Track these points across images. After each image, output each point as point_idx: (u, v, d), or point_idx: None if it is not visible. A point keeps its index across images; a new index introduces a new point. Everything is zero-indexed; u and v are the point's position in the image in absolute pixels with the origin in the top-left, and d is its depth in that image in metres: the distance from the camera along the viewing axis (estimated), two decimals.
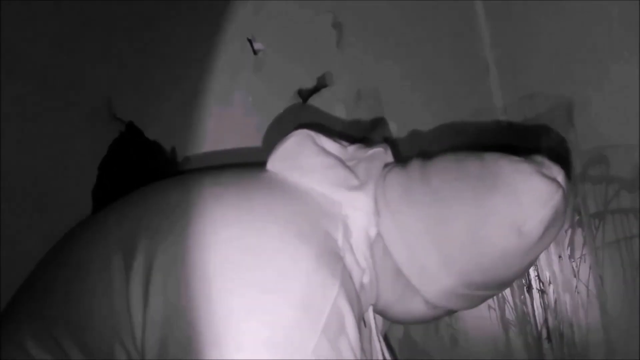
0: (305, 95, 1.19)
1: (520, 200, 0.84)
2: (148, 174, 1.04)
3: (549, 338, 1.45)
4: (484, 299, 0.92)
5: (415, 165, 0.90)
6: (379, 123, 1.28)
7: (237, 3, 1.13)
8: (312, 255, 0.77)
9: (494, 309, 1.43)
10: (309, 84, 1.20)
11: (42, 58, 0.95)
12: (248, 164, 0.98)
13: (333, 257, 0.79)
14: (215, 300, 0.73)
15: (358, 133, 1.25)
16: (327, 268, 0.77)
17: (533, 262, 0.90)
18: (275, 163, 0.89)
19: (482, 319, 1.42)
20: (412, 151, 1.03)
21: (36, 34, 0.94)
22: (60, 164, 0.97)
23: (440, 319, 0.97)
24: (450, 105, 1.40)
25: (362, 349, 0.80)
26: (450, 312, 0.93)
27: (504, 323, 1.45)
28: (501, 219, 0.84)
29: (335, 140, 0.93)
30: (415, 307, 0.90)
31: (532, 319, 1.46)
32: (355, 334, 0.77)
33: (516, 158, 0.88)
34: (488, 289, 0.90)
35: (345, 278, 0.80)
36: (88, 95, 0.99)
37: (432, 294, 0.87)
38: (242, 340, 0.71)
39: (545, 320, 1.46)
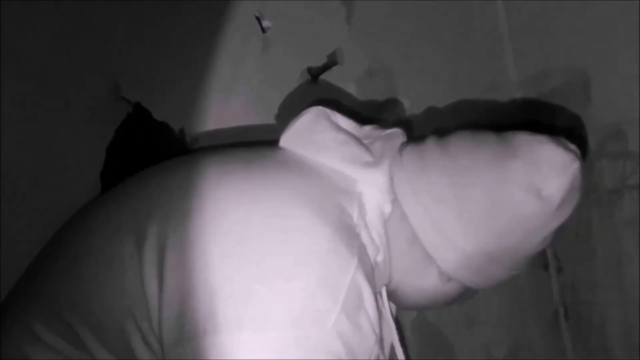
0: (315, 73, 1.17)
1: (540, 166, 0.84)
2: (156, 155, 1.02)
3: (566, 317, 1.44)
4: (498, 279, 0.90)
5: (431, 138, 0.90)
6: (391, 102, 1.26)
7: None
8: (329, 231, 0.77)
9: (510, 287, 1.41)
10: (319, 61, 1.18)
11: (49, 40, 0.93)
12: (260, 142, 0.97)
13: (350, 233, 0.79)
14: (233, 278, 0.73)
15: (369, 112, 1.23)
16: (344, 244, 0.77)
17: (548, 239, 0.89)
18: (289, 140, 0.89)
19: (498, 297, 1.40)
20: (425, 129, 1.01)
21: (43, 18, 0.93)
22: (66, 150, 0.96)
23: (452, 304, 0.95)
24: (464, 80, 1.38)
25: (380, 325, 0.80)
26: (460, 297, 0.93)
27: (521, 302, 1.43)
28: (521, 181, 0.84)
29: (350, 118, 0.92)
30: (428, 282, 0.89)
31: (549, 298, 1.44)
32: (374, 309, 0.77)
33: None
34: (503, 264, 0.88)
35: (362, 254, 0.79)
36: (95, 77, 0.98)
37: (448, 262, 0.86)
38: (261, 318, 0.71)
39: (562, 298, 1.44)
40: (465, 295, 0.94)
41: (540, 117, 1.39)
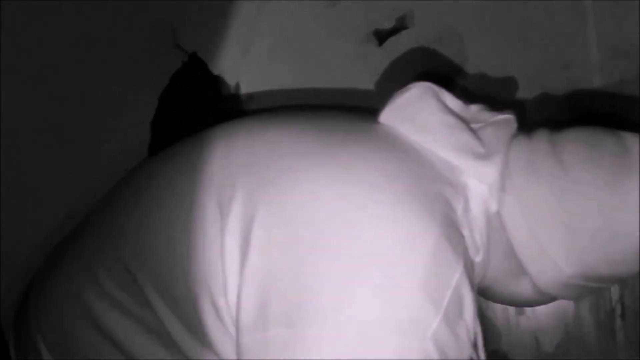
0: (381, 36, 1.11)
1: None
2: (209, 109, 1.01)
3: (622, 315, 1.38)
4: (596, 291, 0.84)
5: (542, 136, 0.81)
6: (459, 72, 1.20)
7: None
8: (436, 227, 0.69)
9: None
10: (387, 24, 1.12)
11: None
12: (335, 107, 0.91)
13: (456, 232, 0.72)
14: (328, 271, 0.66)
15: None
16: (451, 244, 0.69)
17: None
18: (391, 116, 0.81)
19: None
20: (496, 103, 0.94)
21: None
22: (118, 97, 0.94)
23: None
24: (539, 56, 1.29)
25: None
26: (554, 299, 0.86)
27: None
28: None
29: (458, 97, 0.83)
30: (520, 290, 0.83)
31: (606, 294, 1.39)
32: (472, 317, 0.70)
33: None
34: (605, 282, 0.82)
35: (467, 257, 0.72)
36: (152, 22, 0.95)
37: (545, 282, 0.80)
38: (358, 317, 0.65)
39: (621, 296, 1.38)
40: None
41: (617, 104, 1.30)
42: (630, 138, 0.79)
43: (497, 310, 1.29)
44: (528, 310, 1.31)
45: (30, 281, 0.87)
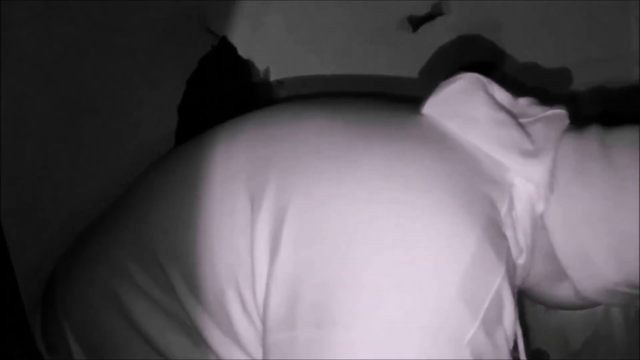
0: (416, 22, 1.09)
1: None
2: (238, 95, 1.00)
3: None
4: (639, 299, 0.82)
5: (593, 134, 0.78)
6: (497, 61, 1.17)
7: None
8: (478, 229, 0.67)
9: None
10: (422, 10, 1.10)
11: None
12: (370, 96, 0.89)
13: (498, 234, 0.69)
14: (363, 272, 0.65)
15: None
16: (493, 247, 0.67)
17: None
18: (436, 108, 0.77)
19: None
20: (531, 93, 0.91)
21: None
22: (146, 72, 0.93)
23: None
24: (579, 47, 1.25)
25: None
26: (598, 304, 0.83)
27: None
28: None
29: (506, 90, 0.80)
30: (562, 294, 0.80)
31: None
32: (512, 324, 0.68)
33: None
34: None
35: (509, 260, 0.69)
36: (182, 5, 0.94)
37: (588, 288, 0.77)
38: (391, 322, 0.63)
39: None
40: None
41: None
42: None
43: (526, 306, 1.27)
44: None
45: (55, 267, 0.87)
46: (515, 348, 0.81)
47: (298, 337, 0.65)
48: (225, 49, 0.97)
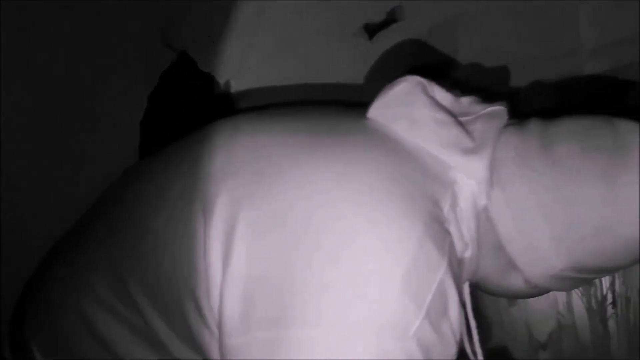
0: (372, 30, 1.11)
1: None
2: (200, 108, 1.01)
3: (613, 303, 1.39)
4: (587, 282, 0.84)
5: (534, 128, 0.80)
6: (450, 65, 1.20)
7: None
8: (420, 226, 0.68)
9: None
10: (377, 18, 1.11)
11: None
12: (322, 103, 0.90)
13: (441, 230, 0.71)
14: (308, 272, 0.66)
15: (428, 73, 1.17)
16: (434, 243, 0.69)
17: None
18: (380, 111, 0.79)
19: None
20: (489, 94, 0.94)
21: None
22: (107, 96, 0.94)
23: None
24: (532, 43, 1.27)
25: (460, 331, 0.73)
26: (548, 291, 0.86)
27: None
28: (635, 203, 0.74)
29: (448, 90, 0.82)
30: (512, 283, 0.82)
31: (597, 282, 1.39)
32: (457, 316, 0.70)
33: None
34: (597, 273, 0.82)
35: (452, 254, 0.71)
36: (140, 23, 0.95)
37: (536, 276, 0.79)
38: (339, 319, 0.65)
39: (612, 284, 1.39)
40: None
41: (609, 91, 1.30)
42: (625, 127, 0.77)
43: (488, 302, 1.30)
44: (520, 300, 1.32)
45: (25, 284, 0.87)
46: (471, 341, 0.84)
47: (252, 340, 0.66)
48: (185, 63, 0.98)
